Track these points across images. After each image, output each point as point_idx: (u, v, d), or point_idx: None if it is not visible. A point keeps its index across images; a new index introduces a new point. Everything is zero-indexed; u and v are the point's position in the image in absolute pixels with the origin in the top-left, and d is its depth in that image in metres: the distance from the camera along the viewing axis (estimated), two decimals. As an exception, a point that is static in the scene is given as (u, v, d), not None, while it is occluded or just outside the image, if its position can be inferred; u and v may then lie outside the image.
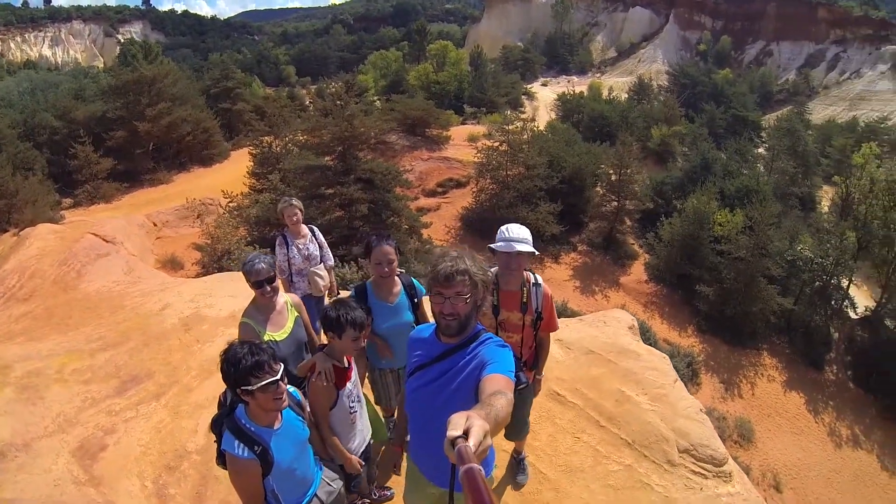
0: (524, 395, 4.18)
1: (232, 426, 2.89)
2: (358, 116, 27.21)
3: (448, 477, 1.89)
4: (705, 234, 30.68)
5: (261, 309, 4.10)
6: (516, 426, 4.44)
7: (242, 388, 2.79)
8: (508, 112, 41.36)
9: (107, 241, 13.13)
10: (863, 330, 29.99)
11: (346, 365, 3.58)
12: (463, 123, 49.31)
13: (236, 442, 2.83)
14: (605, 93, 64.90)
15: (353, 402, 3.62)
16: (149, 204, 28.28)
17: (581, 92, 61.54)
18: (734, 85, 68.97)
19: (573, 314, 17.13)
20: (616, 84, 73.10)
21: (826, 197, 46.24)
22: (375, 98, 54.36)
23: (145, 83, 34.18)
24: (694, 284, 29.86)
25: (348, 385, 3.57)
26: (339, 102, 27.88)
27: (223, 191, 25.74)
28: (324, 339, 3.74)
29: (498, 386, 2.30)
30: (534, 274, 4.12)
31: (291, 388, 3.22)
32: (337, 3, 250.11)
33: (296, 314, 4.26)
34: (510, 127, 34.27)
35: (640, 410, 5.39)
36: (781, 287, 29.22)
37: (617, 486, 4.71)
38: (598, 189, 36.45)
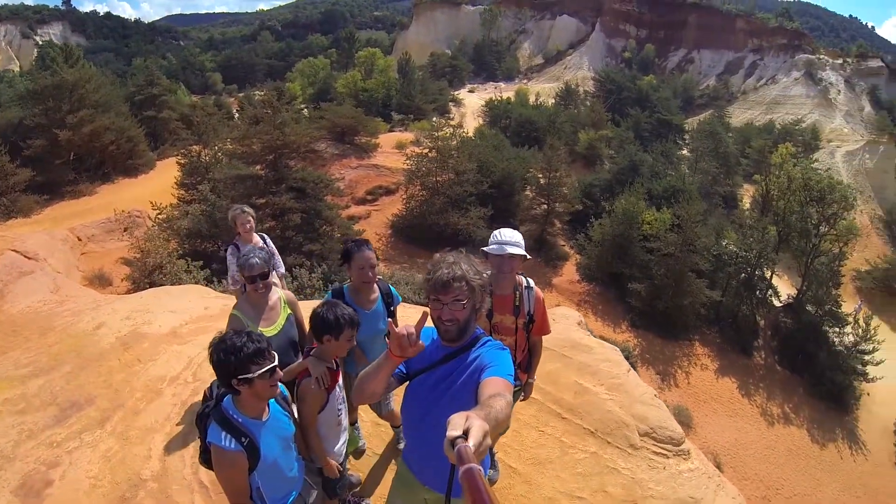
0: (514, 396, 4.21)
1: (219, 417, 2.85)
2: (289, 124, 27.04)
3: (444, 481, 1.89)
4: (635, 233, 31.79)
5: (253, 304, 4.07)
6: None
7: (241, 376, 2.75)
8: (436, 119, 41.66)
9: (29, 258, 12.34)
10: (786, 316, 32.15)
11: (335, 366, 3.57)
12: (391, 131, 49.36)
13: (223, 433, 2.79)
14: (532, 98, 66.21)
15: (339, 403, 3.62)
16: (71, 217, 26.82)
17: (508, 98, 62.36)
18: (658, 90, 71.37)
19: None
20: (543, 90, 74.54)
21: (747, 195, 48.96)
22: (303, 106, 53.75)
23: (66, 89, 32.24)
24: (625, 282, 30.91)
25: (337, 387, 3.57)
26: (267, 111, 27.51)
27: (151, 202, 24.79)
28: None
29: (497, 388, 2.33)
30: (525, 277, 4.16)
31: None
32: (265, 10, 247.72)
33: (289, 311, 4.24)
34: (440, 133, 34.63)
35: (598, 400, 5.60)
36: (709, 280, 30.79)
37: (585, 473, 4.93)
38: (527, 192, 37.28)
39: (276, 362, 2.85)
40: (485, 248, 3.90)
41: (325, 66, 75.25)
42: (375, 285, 4.31)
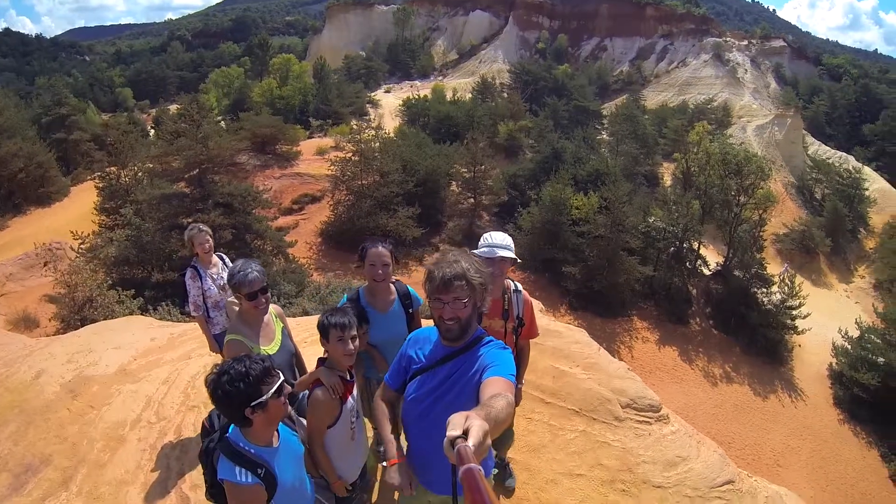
0: None
1: (229, 450, 2.68)
2: (212, 137, 26.28)
3: (446, 482, 1.88)
4: (564, 218, 32.59)
5: (250, 322, 3.86)
6: (501, 436, 4.31)
7: (254, 402, 2.60)
8: (355, 123, 41.60)
9: (-64, 310, 11.24)
10: (716, 283, 34.26)
11: (349, 377, 3.44)
12: (310, 137, 49.08)
13: (237, 468, 2.62)
14: (449, 94, 66.53)
15: (353, 416, 3.48)
16: (-18, 256, 25.15)
17: (425, 96, 62.70)
18: (573, 78, 73.38)
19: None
20: (459, 85, 75.26)
21: (667, 172, 51.10)
22: (220, 118, 52.30)
23: (-39, 115, 30.24)
24: (560, 267, 31.64)
25: (350, 399, 3.44)
26: (187, 124, 26.64)
27: (72, 232, 23.68)
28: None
29: (498, 388, 2.33)
30: (513, 281, 4.14)
31: None
32: (173, 19, 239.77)
33: (281, 325, 4.09)
34: (362, 136, 34.72)
35: (577, 381, 5.72)
36: (641, 257, 32.14)
37: (579, 451, 5.11)
38: (453, 188, 37.82)
39: (282, 378, 2.74)
40: (475, 252, 3.72)
41: (240, 75, 73.21)
42: (393, 287, 4.15)
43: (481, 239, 3.99)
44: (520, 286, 4.15)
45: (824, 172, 56.92)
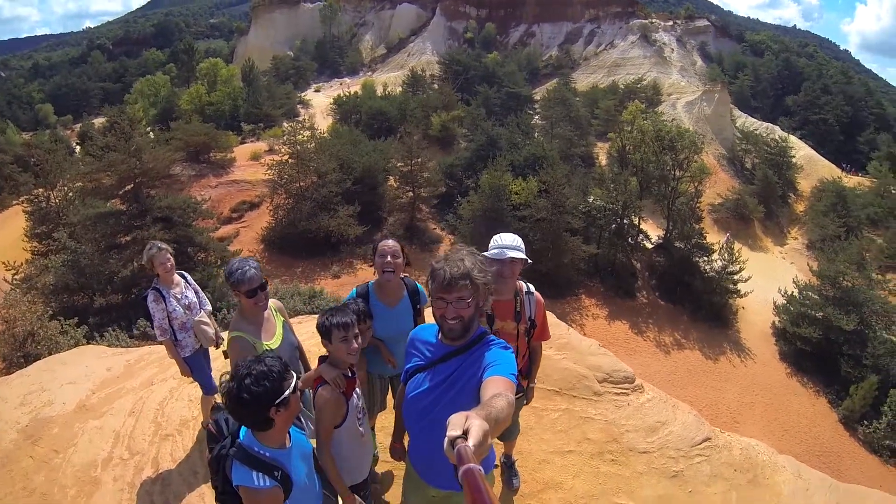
0: (518, 401, 4.21)
1: (243, 456, 2.65)
2: (146, 149, 25.32)
3: (448, 479, 1.96)
4: (504, 204, 32.97)
5: (251, 319, 3.86)
6: (508, 427, 4.22)
7: (278, 400, 2.58)
8: (287, 124, 41.14)
9: None
10: (659, 255, 35.51)
11: (351, 375, 3.43)
12: (243, 143, 48.37)
13: (254, 472, 2.60)
14: (379, 90, 66.33)
15: (360, 413, 3.48)
16: None
17: (356, 92, 62.29)
18: (503, 66, 73.71)
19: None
20: (390, 79, 74.93)
21: (602, 152, 51.77)
22: (149, 129, 50.51)
23: None
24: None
25: (354, 395, 3.43)
26: (113, 138, 25.60)
27: (3, 262, 22.72)
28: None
29: (499, 388, 2.33)
30: (526, 283, 4.13)
31: None
32: (92, 27, 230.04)
33: (282, 319, 4.09)
34: (298, 137, 34.62)
35: (553, 361, 5.83)
36: (583, 236, 32.83)
37: (565, 429, 5.32)
38: (391, 183, 37.75)
39: (296, 374, 2.75)
40: (485, 254, 3.69)
41: (166, 83, 70.66)
42: (402, 283, 4.21)
43: (491, 241, 3.97)
44: (532, 287, 4.13)
45: (753, 143, 59.14)
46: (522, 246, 3.93)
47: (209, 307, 5.61)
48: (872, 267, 31.28)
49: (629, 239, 34.95)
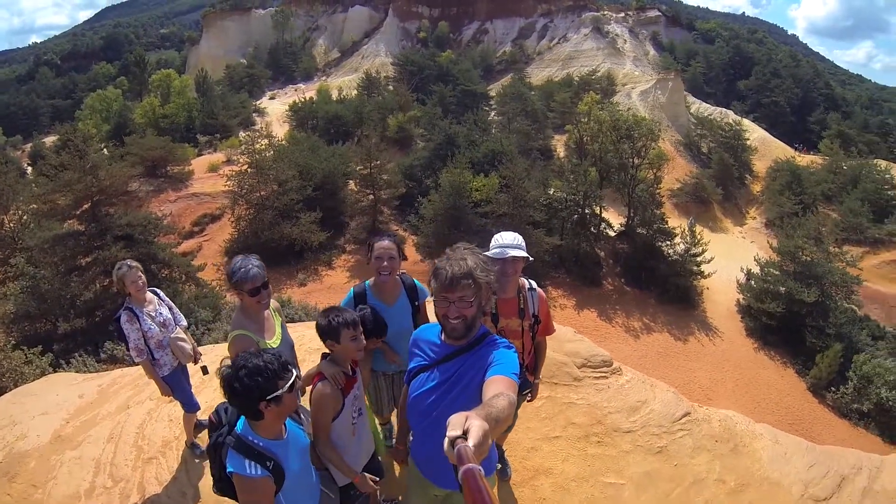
0: (523, 397, 4.42)
1: (238, 444, 2.75)
2: (102, 167, 24.47)
3: (452, 477, 1.73)
4: (466, 202, 32.97)
5: (253, 317, 3.89)
6: None
7: (270, 396, 2.66)
8: (244, 134, 40.71)
9: None
10: (622, 243, 35.93)
11: (352, 373, 3.47)
12: (200, 155, 47.83)
13: (246, 461, 2.70)
14: (335, 94, 65.94)
15: (355, 411, 3.50)
16: None
17: (311, 98, 61.71)
18: (458, 64, 73.40)
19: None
20: (344, 83, 74.51)
21: (560, 144, 52.36)
22: (102, 145, 49.23)
23: None
24: (468, 249, 31.41)
25: (352, 392, 3.45)
26: (67, 157, 24.69)
27: None
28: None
29: (500, 387, 2.35)
30: (528, 279, 4.18)
31: None
32: (38, 42, 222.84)
33: (280, 319, 4.13)
34: (256, 146, 34.32)
35: None
36: (546, 229, 33.00)
37: (550, 416, 5.45)
38: (351, 187, 37.64)
39: (296, 374, 2.79)
40: (487, 253, 3.71)
41: (118, 96, 68.75)
42: (399, 280, 4.23)
43: (492, 240, 4.02)
44: (534, 284, 4.19)
45: (708, 128, 60.40)
46: (523, 244, 3.98)
47: (184, 322, 5.48)
48: (829, 241, 32.06)
49: (592, 228, 35.22)
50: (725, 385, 26.59)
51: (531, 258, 4.01)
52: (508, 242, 3.92)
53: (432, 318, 3.02)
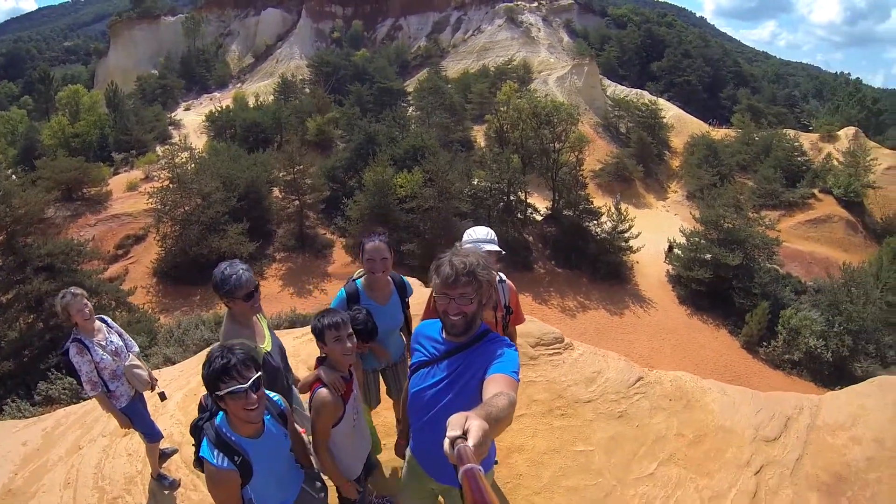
0: None
1: (211, 433, 2.81)
2: (15, 194, 22.85)
3: (450, 474, 1.86)
4: (391, 199, 32.82)
5: (245, 323, 3.75)
6: None
7: (214, 392, 2.70)
8: (160, 149, 39.26)
9: None
10: (550, 226, 36.36)
11: (349, 376, 3.45)
12: (116, 174, 45.64)
13: (215, 451, 2.75)
14: (251, 101, 63.87)
15: (354, 413, 3.49)
16: None
17: (227, 106, 59.70)
18: (373, 62, 73.17)
19: (302, 319, 17.04)
20: (260, 88, 72.42)
21: (479, 134, 52.31)
22: (10, 171, 46.21)
23: None
24: (398, 246, 31.01)
25: (352, 396, 3.45)
26: None
27: None
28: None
29: (500, 386, 2.36)
30: (497, 272, 3.93)
31: (276, 397, 3.16)
32: None
33: (265, 321, 4.01)
34: (177, 160, 33.51)
35: None
36: (473, 219, 32.59)
37: None
38: (276, 194, 37.03)
39: (246, 384, 2.68)
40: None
41: (23, 117, 64.71)
42: (389, 279, 4.27)
43: (464, 235, 4.14)
44: (503, 276, 4.17)
45: (625, 109, 61.64)
46: (496, 238, 4.12)
47: (136, 348, 5.15)
48: (748, 207, 33.76)
49: (518, 214, 35.73)
50: (664, 352, 27.38)
51: (504, 251, 4.07)
52: (482, 237, 4.05)
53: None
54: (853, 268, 30.07)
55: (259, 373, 2.76)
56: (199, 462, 2.87)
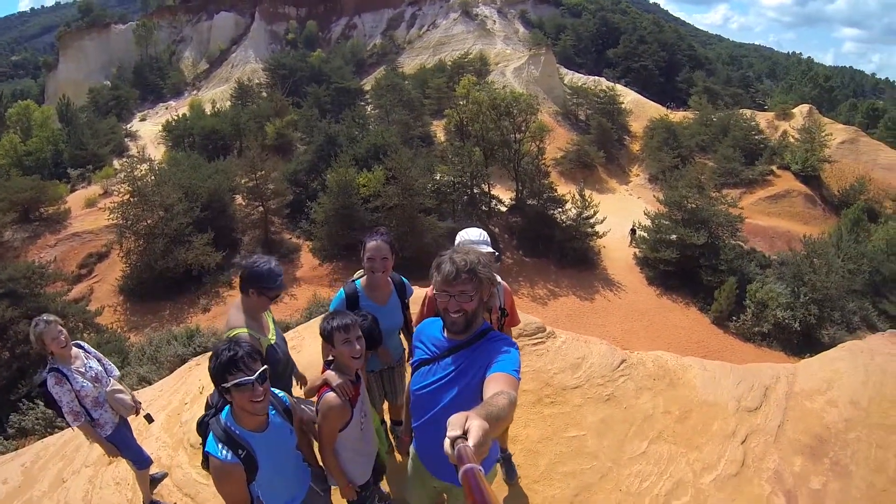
0: None
1: (217, 428, 2.86)
2: None
3: (450, 472, 1.98)
4: (355, 199, 32.56)
5: (255, 315, 3.73)
6: None
7: (221, 385, 2.76)
8: (118, 162, 38.36)
9: None
10: (515, 216, 36.54)
11: (357, 378, 3.45)
12: (73, 190, 44.43)
13: (220, 445, 2.80)
14: (208, 108, 62.92)
15: (362, 416, 3.48)
16: None
17: (184, 114, 58.22)
18: (329, 62, 72.59)
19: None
20: (217, 95, 71.53)
21: (439, 129, 52.35)
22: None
23: None
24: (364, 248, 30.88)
25: (359, 399, 3.44)
26: None
27: None
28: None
29: (501, 385, 2.35)
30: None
31: (281, 393, 3.22)
32: None
33: (270, 314, 3.99)
34: (136, 172, 32.68)
35: None
36: (438, 214, 33.13)
37: None
38: (239, 202, 36.40)
39: (253, 376, 2.74)
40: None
41: None
42: (389, 279, 4.21)
43: (457, 237, 4.11)
44: (499, 278, 3.97)
45: (583, 96, 62.05)
46: (488, 239, 4.09)
47: (117, 373, 5.00)
48: (709, 187, 34.50)
49: (483, 206, 35.79)
50: (637, 334, 27.72)
51: (497, 253, 4.01)
52: (474, 238, 4.00)
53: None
54: (814, 240, 30.88)
55: (265, 366, 2.80)
56: (207, 460, 2.90)
